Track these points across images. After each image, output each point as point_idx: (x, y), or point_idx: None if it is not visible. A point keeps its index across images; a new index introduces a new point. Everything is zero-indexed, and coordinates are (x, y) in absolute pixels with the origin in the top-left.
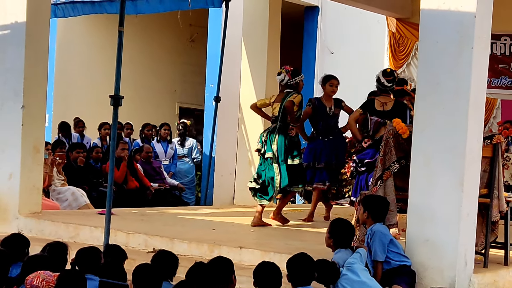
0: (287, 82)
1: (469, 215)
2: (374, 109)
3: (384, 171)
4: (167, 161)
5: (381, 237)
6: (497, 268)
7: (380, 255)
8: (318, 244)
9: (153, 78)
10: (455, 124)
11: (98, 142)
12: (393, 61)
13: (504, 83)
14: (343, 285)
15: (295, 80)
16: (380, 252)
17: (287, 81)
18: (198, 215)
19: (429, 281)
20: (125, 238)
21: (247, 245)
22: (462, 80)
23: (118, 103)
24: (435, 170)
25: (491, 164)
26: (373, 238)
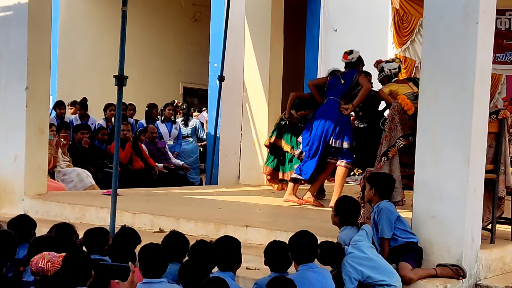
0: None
1: (476, 191)
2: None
3: (389, 148)
4: (171, 141)
5: (388, 214)
6: (504, 244)
7: (387, 232)
8: (324, 222)
9: (157, 58)
10: (461, 100)
11: (103, 123)
12: (397, 38)
13: (509, 58)
14: (350, 263)
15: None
16: (387, 229)
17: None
18: (203, 195)
19: (436, 257)
20: (131, 218)
21: (253, 223)
22: (468, 55)
23: (123, 83)
24: (441, 147)
25: (497, 139)
26: (380, 215)
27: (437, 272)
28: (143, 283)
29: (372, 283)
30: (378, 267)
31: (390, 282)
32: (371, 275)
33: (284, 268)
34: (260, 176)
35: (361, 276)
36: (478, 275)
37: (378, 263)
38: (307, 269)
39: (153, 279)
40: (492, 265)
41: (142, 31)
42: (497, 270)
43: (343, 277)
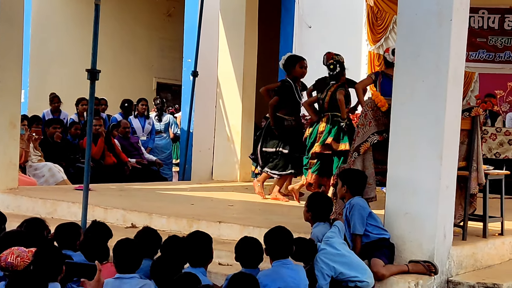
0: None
1: (448, 188)
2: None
3: (361, 144)
4: (144, 137)
5: (360, 210)
6: (475, 241)
7: (359, 228)
8: (297, 218)
9: (130, 53)
10: (434, 97)
11: (75, 118)
12: (371, 35)
13: (482, 56)
14: (322, 259)
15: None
16: (359, 225)
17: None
18: (176, 191)
19: (408, 254)
20: (103, 214)
21: (226, 219)
22: (442, 52)
23: (95, 77)
24: (414, 143)
25: (469, 136)
26: (352, 211)
27: (409, 268)
28: (115, 278)
29: (345, 279)
30: (351, 263)
31: (363, 278)
32: (343, 271)
33: (255, 264)
34: (233, 172)
35: (333, 272)
36: (450, 271)
37: (350, 259)
38: (281, 265)
39: (125, 275)
40: (463, 262)
41: (115, 26)
42: (468, 266)
43: (315, 273)
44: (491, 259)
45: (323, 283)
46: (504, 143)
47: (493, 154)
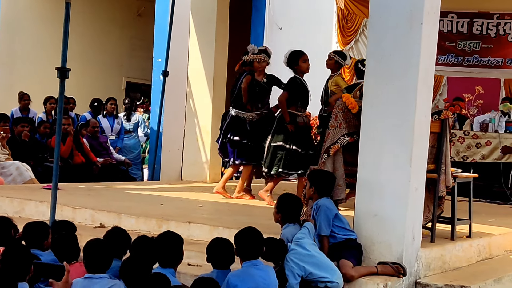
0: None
1: (418, 190)
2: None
3: (331, 145)
4: (113, 136)
5: (326, 212)
6: (444, 243)
7: (324, 229)
8: (266, 219)
9: (100, 52)
10: (404, 100)
11: (43, 117)
12: (341, 38)
13: (451, 60)
14: (293, 260)
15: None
16: (325, 227)
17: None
18: (145, 190)
19: (377, 255)
20: (71, 213)
21: (196, 220)
22: (412, 55)
23: (65, 75)
24: (384, 145)
25: (438, 139)
26: (318, 212)
27: (378, 270)
28: (84, 278)
29: (314, 279)
30: (320, 264)
31: (332, 279)
32: (313, 272)
33: (227, 265)
34: (202, 172)
35: (303, 272)
36: (418, 273)
37: (320, 260)
38: (251, 266)
39: (94, 275)
40: (432, 264)
41: (85, 24)
42: (436, 268)
43: (286, 273)
44: (459, 261)
45: (293, 282)
46: (472, 147)
47: (461, 157)
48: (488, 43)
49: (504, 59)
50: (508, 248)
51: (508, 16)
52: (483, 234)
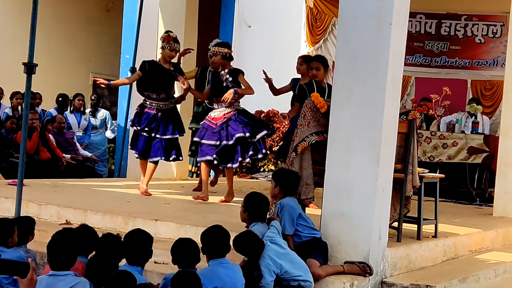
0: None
1: (385, 190)
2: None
3: (299, 143)
4: (80, 132)
5: (290, 211)
6: (410, 242)
7: (288, 228)
8: (233, 217)
9: (67, 47)
10: (372, 100)
11: (9, 112)
12: (310, 37)
13: (419, 60)
14: (270, 256)
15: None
16: (288, 226)
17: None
18: (112, 187)
19: (344, 254)
20: (37, 210)
21: (163, 217)
22: (381, 56)
23: (32, 71)
24: (352, 145)
25: (406, 139)
26: (282, 212)
27: (345, 269)
28: (49, 275)
29: (288, 278)
30: (295, 262)
31: (306, 277)
32: (288, 270)
33: (192, 265)
34: (169, 170)
35: (279, 269)
36: (384, 272)
37: (294, 258)
38: (218, 264)
39: (59, 272)
40: (398, 263)
41: (52, 19)
42: (402, 268)
43: (262, 270)
44: (425, 261)
45: (269, 279)
46: (438, 147)
47: (428, 157)
48: (456, 44)
49: (471, 60)
50: (473, 248)
51: (476, 17)
52: (449, 234)
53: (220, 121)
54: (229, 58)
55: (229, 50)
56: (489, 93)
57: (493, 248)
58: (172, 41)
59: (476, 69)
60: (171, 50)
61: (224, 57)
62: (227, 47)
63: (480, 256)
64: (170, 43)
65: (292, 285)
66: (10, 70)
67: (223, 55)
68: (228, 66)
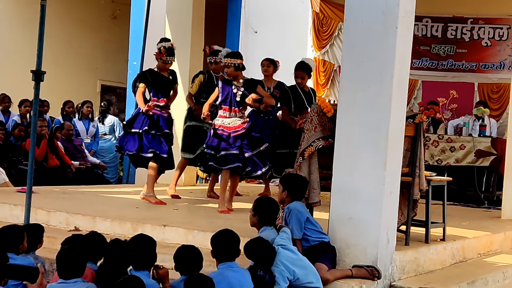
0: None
1: (392, 194)
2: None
3: (306, 148)
4: (88, 139)
5: (297, 215)
6: (418, 246)
7: (296, 233)
8: (242, 222)
9: (74, 55)
10: (378, 104)
11: (17, 119)
12: (317, 42)
13: (425, 64)
14: (284, 262)
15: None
16: (296, 230)
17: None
18: (120, 194)
19: (352, 258)
20: (46, 216)
21: (171, 223)
22: (386, 60)
23: (40, 78)
24: (358, 149)
25: (413, 143)
26: (290, 216)
27: (353, 273)
28: (58, 283)
29: (300, 285)
30: (307, 268)
31: (317, 284)
32: (300, 277)
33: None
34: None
35: (292, 276)
36: (392, 276)
37: (306, 264)
38: (227, 268)
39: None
40: (406, 267)
41: (60, 28)
42: (411, 271)
43: (275, 276)
44: (433, 264)
45: (283, 285)
46: (446, 150)
47: (435, 161)
48: (463, 48)
49: (478, 64)
50: (481, 251)
51: (482, 20)
52: (457, 237)
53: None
54: (241, 69)
55: (241, 60)
56: (496, 96)
57: (501, 251)
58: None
59: (483, 72)
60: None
61: (237, 68)
62: (239, 58)
63: (489, 259)
64: (162, 59)
65: None
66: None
67: (235, 66)
68: (241, 77)
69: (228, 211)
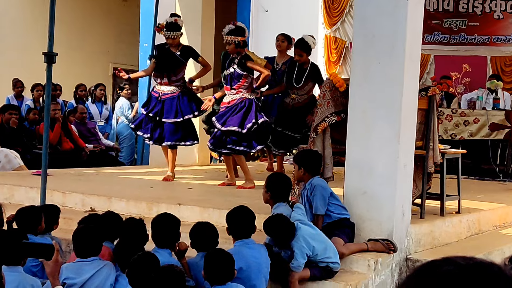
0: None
1: (406, 167)
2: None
3: (319, 123)
4: (102, 122)
5: (321, 191)
6: (433, 219)
7: (321, 209)
8: (256, 199)
9: (85, 38)
10: (391, 77)
11: (30, 104)
12: (328, 19)
13: (437, 39)
14: (305, 238)
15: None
16: (321, 206)
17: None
18: (135, 175)
19: (368, 232)
20: (61, 198)
21: (186, 202)
22: (398, 33)
23: (52, 60)
24: (372, 123)
25: (426, 116)
26: (314, 192)
27: (369, 246)
28: (76, 262)
29: (319, 260)
30: (326, 243)
31: (335, 259)
32: (320, 252)
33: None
34: (192, 156)
35: (311, 251)
36: (408, 249)
37: (325, 239)
38: (243, 245)
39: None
40: (422, 240)
41: (71, 11)
42: (426, 244)
43: (294, 252)
44: (449, 236)
45: (301, 261)
46: (460, 124)
47: (449, 135)
48: (474, 21)
49: (490, 37)
50: (497, 223)
51: None
52: (472, 210)
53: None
54: (243, 46)
55: (242, 37)
56: (509, 69)
57: None
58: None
59: (496, 45)
60: (167, 38)
61: (238, 46)
62: (240, 35)
63: (505, 231)
64: (161, 33)
65: (320, 266)
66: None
67: (236, 44)
68: (243, 53)
69: (241, 187)
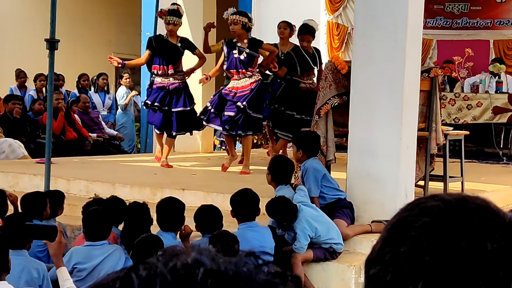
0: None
1: (409, 148)
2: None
3: (322, 106)
4: (105, 111)
5: (314, 173)
6: None
7: (314, 190)
8: (260, 184)
9: (87, 28)
10: (393, 58)
11: (34, 94)
12: (330, 5)
13: (440, 23)
14: (307, 219)
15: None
16: (314, 188)
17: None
18: (138, 162)
19: (371, 214)
20: (65, 185)
21: (190, 187)
22: (400, 13)
23: (54, 47)
24: (374, 105)
25: (429, 97)
26: (307, 174)
27: (372, 228)
28: (85, 246)
29: (322, 241)
30: (328, 224)
31: (338, 240)
32: (322, 233)
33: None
34: (195, 143)
35: (314, 233)
36: None
37: (327, 220)
38: (246, 228)
39: (95, 242)
40: None
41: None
42: None
43: (297, 233)
44: None
45: (304, 243)
46: (463, 108)
47: (452, 119)
48: (477, 5)
49: (492, 20)
50: (501, 204)
51: None
52: (476, 191)
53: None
54: (248, 29)
55: (248, 20)
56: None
57: None
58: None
59: (498, 28)
60: (168, 23)
61: (244, 27)
62: (246, 17)
63: None
64: (162, 18)
65: (324, 247)
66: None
67: (243, 24)
68: (245, 37)
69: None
